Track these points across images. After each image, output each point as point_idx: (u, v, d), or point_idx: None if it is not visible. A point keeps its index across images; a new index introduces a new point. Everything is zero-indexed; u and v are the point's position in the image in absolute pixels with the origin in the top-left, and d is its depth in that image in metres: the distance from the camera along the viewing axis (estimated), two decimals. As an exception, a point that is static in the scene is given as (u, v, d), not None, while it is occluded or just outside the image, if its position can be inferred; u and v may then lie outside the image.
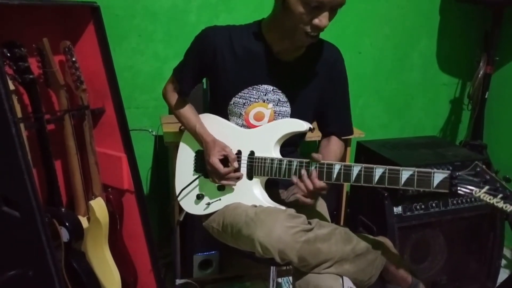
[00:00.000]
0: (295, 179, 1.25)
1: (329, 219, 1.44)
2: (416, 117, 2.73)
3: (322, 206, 1.47)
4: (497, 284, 2.13)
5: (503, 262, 2.33)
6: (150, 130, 2.24)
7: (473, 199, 2.01)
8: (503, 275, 2.24)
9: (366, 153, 2.12)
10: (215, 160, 1.33)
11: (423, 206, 1.96)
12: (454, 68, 2.69)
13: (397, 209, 1.93)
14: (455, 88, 2.74)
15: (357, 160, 2.19)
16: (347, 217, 2.24)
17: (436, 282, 2.04)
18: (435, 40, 2.61)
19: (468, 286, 2.13)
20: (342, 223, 2.23)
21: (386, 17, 2.47)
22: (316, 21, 1.18)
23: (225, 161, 1.35)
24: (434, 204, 1.97)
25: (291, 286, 2.18)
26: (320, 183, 1.22)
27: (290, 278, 2.21)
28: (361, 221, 2.11)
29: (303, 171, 1.24)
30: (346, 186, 2.20)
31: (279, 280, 2.20)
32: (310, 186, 1.22)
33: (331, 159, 1.33)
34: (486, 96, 2.42)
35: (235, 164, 1.34)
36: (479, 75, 2.41)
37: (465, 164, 1.96)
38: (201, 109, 1.52)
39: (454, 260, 2.05)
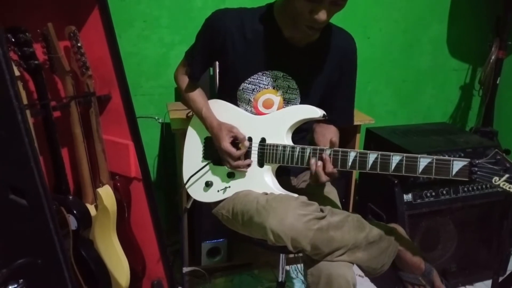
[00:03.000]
0: (313, 160, 1.22)
1: (340, 206, 1.41)
2: (425, 103, 2.69)
3: (333, 193, 1.45)
4: (508, 272, 2.12)
5: (514, 249, 2.30)
6: (156, 117, 2.22)
7: (486, 186, 1.99)
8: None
9: (376, 140, 2.10)
10: (226, 145, 1.31)
11: (433, 194, 1.93)
12: (464, 53, 2.64)
13: (407, 197, 1.91)
14: (465, 73, 2.69)
15: (367, 147, 2.17)
16: (356, 204, 2.22)
17: (446, 270, 2.03)
18: (446, 25, 2.56)
19: (478, 274, 2.12)
20: (351, 211, 2.20)
21: (396, 2, 2.42)
22: (315, 15, 1.15)
23: (235, 145, 1.33)
24: (444, 192, 1.95)
25: (299, 274, 2.17)
26: (333, 170, 1.19)
27: (299, 265, 2.20)
28: (371, 208, 2.09)
29: (325, 155, 1.21)
30: (355, 174, 2.18)
31: (287, 268, 2.19)
32: (330, 169, 1.19)
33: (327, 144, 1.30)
34: (497, 82, 2.37)
35: (246, 143, 1.32)
36: (491, 60, 2.36)
37: (476, 151, 1.95)
38: (208, 96, 1.49)
39: (464, 248, 2.04)
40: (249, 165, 1.34)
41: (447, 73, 2.66)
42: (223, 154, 1.34)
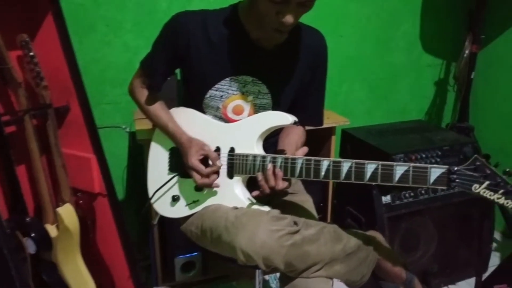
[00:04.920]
0: (260, 176, 1.16)
1: (316, 216, 1.35)
2: (401, 101, 2.66)
3: (309, 202, 1.38)
4: (488, 268, 2.09)
5: (494, 245, 2.29)
6: (123, 126, 2.11)
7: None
8: (494, 259, 2.21)
9: (352, 141, 2.04)
10: (194, 161, 1.22)
11: (412, 194, 1.89)
12: (438, 48, 2.62)
13: (386, 198, 1.86)
14: (439, 69, 2.67)
15: (343, 149, 2.11)
16: (335, 208, 2.16)
17: (427, 271, 1.99)
18: (418, 21, 2.52)
19: (459, 272, 2.10)
20: (329, 215, 2.15)
21: (368, -2, 2.37)
22: (281, 18, 1.07)
23: (205, 161, 1.24)
24: (423, 191, 1.91)
25: (279, 283, 2.10)
26: (284, 184, 1.14)
27: (278, 274, 2.12)
28: (349, 212, 2.03)
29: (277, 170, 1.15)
30: (333, 176, 2.11)
31: (266, 277, 2.11)
32: (272, 182, 1.14)
33: (292, 149, 1.24)
34: (472, 76, 2.35)
35: (218, 163, 1.23)
36: (465, 55, 2.34)
37: (453, 148, 1.92)
38: (176, 104, 1.40)
39: (444, 248, 2.00)
40: (218, 173, 1.25)
41: (422, 69, 2.63)
42: (190, 171, 1.25)
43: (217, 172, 1.24)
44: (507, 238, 2.43)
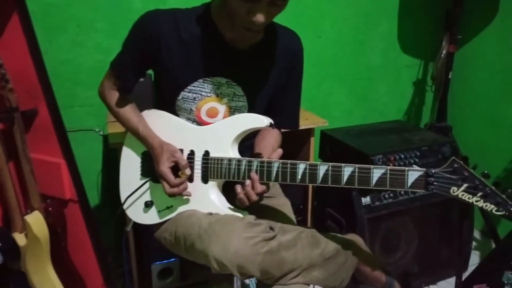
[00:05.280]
0: (239, 189, 1.13)
1: (294, 219, 1.32)
2: (380, 101, 2.65)
3: (286, 206, 1.35)
4: (468, 267, 2.10)
5: (473, 244, 2.30)
6: (97, 129, 2.05)
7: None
8: (473, 258, 2.22)
9: (331, 142, 2.02)
10: (164, 169, 1.17)
11: (391, 195, 1.88)
12: (415, 49, 2.63)
13: (365, 200, 1.84)
14: (417, 69, 2.68)
15: (322, 151, 2.08)
16: (315, 210, 2.14)
17: (408, 272, 1.98)
18: (396, 21, 2.53)
19: (440, 272, 2.09)
20: (309, 216, 2.13)
21: (345, -1, 2.36)
22: (252, 17, 1.03)
23: (177, 167, 1.19)
24: (402, 192, 1.89)
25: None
26: (263, 187, 1.11)
27: (258, 278, 2.09)
28: (329, 214, 2.01)
29: (253, 174, 1.12)
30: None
31: (247, 281, 2.07)
32: (254, 197, 1.11)
33: (268, 153, 1.21)
34: (449, 76, 2.35)
35: (187, 172, 1.19)
36: (442, 55, 2.34)
37: (432, 148, 1.91)
38: (151, 106, 1.35)
39: (425, 248, 2.00)
40: (192, 179, 1.21)
41: (400, 69, 2.64)
42: (159, 178, 1.20)
43: (190, 179, 1.20)
44: (487, 237, 2.45)
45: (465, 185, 0.90)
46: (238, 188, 1.13)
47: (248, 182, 1.11)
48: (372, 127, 2.14)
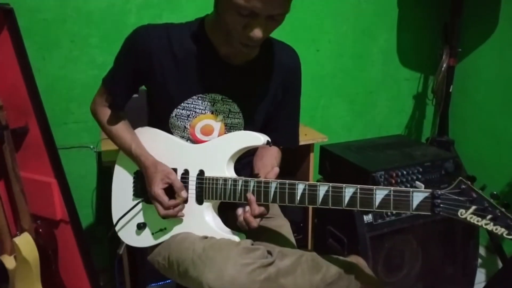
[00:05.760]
0: (240, 211, 1.08)
1: (293, 240, 1.26)
2: (380, 115, 2.62)
3: (285, 227, 1.29)
4: (474, 286, 2.03)
5: (479, 261, 2.23)
6: (91, 146, 2.01)
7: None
8: (479, 275, 2.15)
9: (331, 158, 1.97)
10: (158, 191, 1.12)
11: (394, 212, 1.82)
12: (415, 62, 2.60)
13: (368, 218, 1.78)
14: (417, 83, 2.65)
15: (322, 166, 2.04)
16: (315, 228, 2.08)
17: (412, 291, 1.92)
18: (395, 34, 2.51)
19: (444, 291, 2.03)
20: (309, 235, 2.07)
21: (343, 12, 2.34)
22: (249, 32, 0.99)
23: (170, 188, 1.14)
24: (405, 209, 1.84)
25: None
26: (261, 209, 1.06)
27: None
28: (330, 232, 1.95)
29: (249, 195, 1.06)
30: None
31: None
32: (253, 224, 1.06)
33: (267, 172, 1.15)
34: (450, 90, 2.32)
35: (183, 194, 1.13)
36: (443, 68, 2.31)
37: (434, 164, 1.86)
38: (146, 123, 1.31)
39: (429, 265, 1.94)
40: (187, 200, 1.16)
41: (399, 83, 2.61)
42: (152, 199, 1.15)
43: (185, 200, 1.15)
44: (492, 253, 2.39)
45: (474, 207, 0.85)
46: (239, 210, 1.08)
47: (247, 208, 1.06)
48: (373, 142, 2.10)
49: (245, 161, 1.27)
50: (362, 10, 2.37)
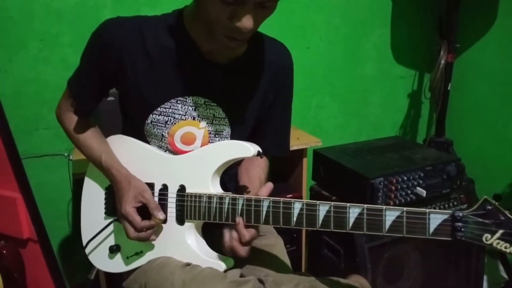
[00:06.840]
0: (227, 236, 0.95)
1: (287, 260, 1.13)
2: (374, 114, 2.51)
3: (278, 246, 1.15)
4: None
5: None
6: (66, 154, 1.85)
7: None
8: (485, 284, 2.05)
9: (326, 163, 1.84)
10: (129, 209, 0.97)
11: (406, 235, 1.70)
12: (410, 59, 2.49)
13: (366, 227, 1.66)
14: (412, 80, 2.54)
15: (315, 172, 1.90)
16: (310, 238, 1.95)
17: (414, 303, 1.80)
18: (389, 29, 2.39)
19: (447, 301, 1.92)
20: (304, 245, 1.94)
21: (335, 7, 2.22)
22: (236, 22, 0.84)
23: (143, 210, 1.00)
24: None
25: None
26: (251, 234, 0.93)
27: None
28: (326, 242, 1.83)
29: (238, 218, 0.92)
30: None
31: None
32: (241, 253, 0.93)
33: (255, 187, 1.03)
34: (448, 88, 2.20)
35: (160, 216, 0.99)
36: (440, 65, 2.19)
37: (436, 168, 1.74)
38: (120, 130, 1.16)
39: (431, 275, 1.83)
40: (166, 220, 1.01)
41: (394, 81, 2.50)
42: (122, 219, 1.00)
43: (163, 221, 1.00)
44: (494, 259, 2.28)
45: (501, 231, 0.72)
46: (226, 235, 0.94)
47: (235, 235, 0.92)
48: (369, 145, 1.97)
49: (232, 172, 1.14)
50: (354, 4, 2.25)
